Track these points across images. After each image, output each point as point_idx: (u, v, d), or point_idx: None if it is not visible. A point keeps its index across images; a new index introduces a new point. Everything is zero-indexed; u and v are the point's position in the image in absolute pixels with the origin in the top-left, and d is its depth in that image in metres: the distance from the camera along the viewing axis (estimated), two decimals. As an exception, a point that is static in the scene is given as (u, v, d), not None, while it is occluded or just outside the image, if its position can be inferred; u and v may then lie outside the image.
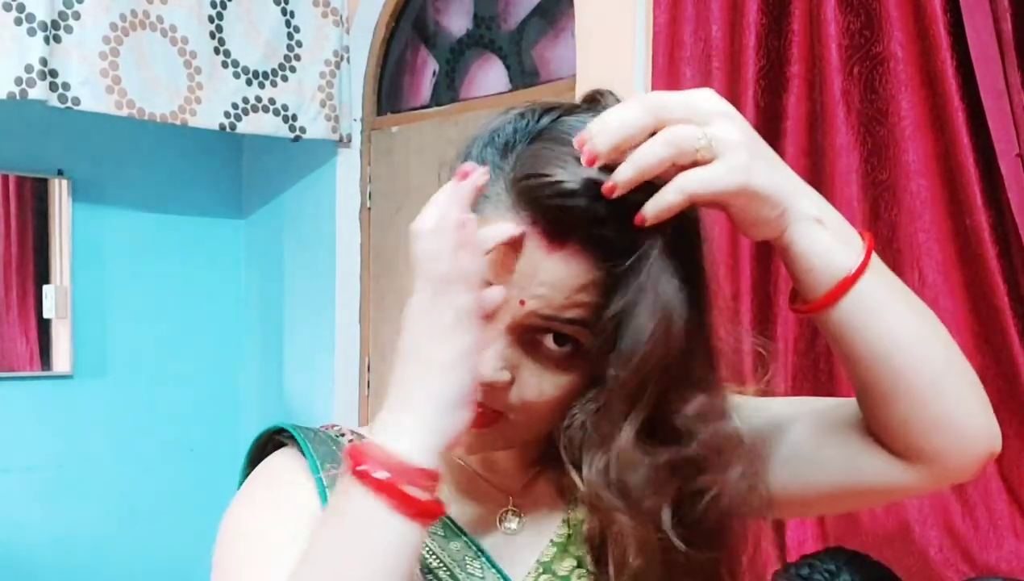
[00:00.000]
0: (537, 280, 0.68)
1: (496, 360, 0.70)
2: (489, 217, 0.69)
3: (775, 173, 0.68)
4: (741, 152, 0.66)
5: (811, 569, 1.60)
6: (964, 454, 0.76)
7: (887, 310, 0.71)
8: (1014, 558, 1.75)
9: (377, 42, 3.31)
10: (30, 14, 2.60)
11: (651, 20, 2.22)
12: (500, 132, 0.73)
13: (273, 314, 3.63)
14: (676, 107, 0.67)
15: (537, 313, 0.69)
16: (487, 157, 0.72)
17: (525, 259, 0.68)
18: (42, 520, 3.32)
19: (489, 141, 0.73)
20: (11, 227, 3.30)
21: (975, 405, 0.76)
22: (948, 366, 0.74)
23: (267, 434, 0.82)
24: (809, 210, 0.69)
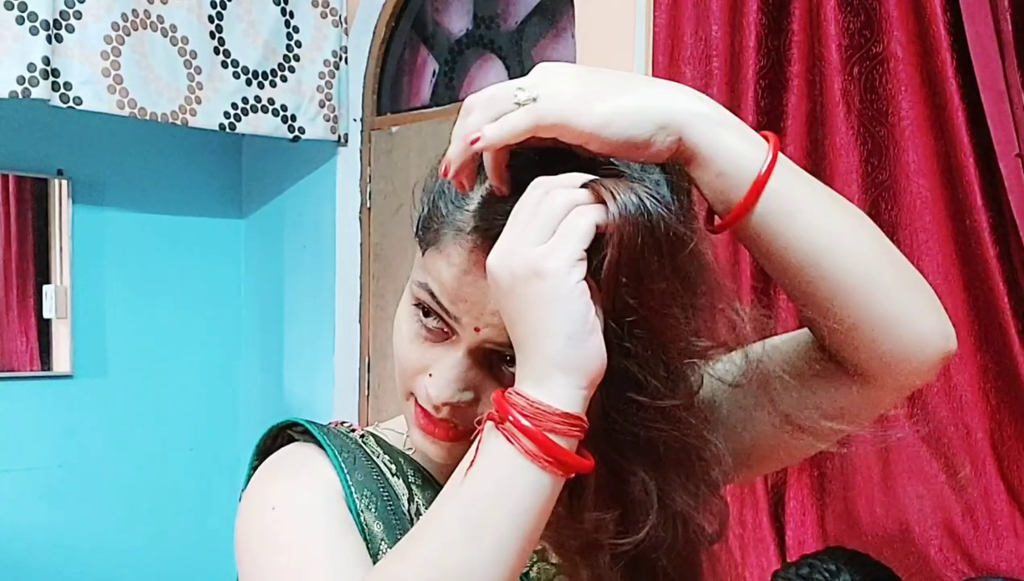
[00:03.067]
0: (489, 309, 0.68)
1: (456, 383, 0.71)
2: (447, 244, 0.70)
3: (629, 92, 0.64)
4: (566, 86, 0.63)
5: (811, 569, 1.60)
6: (915, 356, 0.71)
7: (808, 206, 0.68)
8: (1014, 558, 1.75)
9: (377, 42, 3.31)
10: (32, 13, 2.60)
11: (651, 20, 2.22)
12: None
13: (273, 314, 3.63)
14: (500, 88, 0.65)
15: (491, 340, 0.70)
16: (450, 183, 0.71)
17: (477, 286, 0.68)
18: (42, 520, 3.32)
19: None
20: (11, 227, 3.30)
21: (919, 300, 0.71)
22: (883, 259, 0.70)
23: (278, 428, 0.82)
24: (704, 110, 0.65)
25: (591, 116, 0.63)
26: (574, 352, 0.61)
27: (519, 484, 0.61)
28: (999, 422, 1.81)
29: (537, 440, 0.61)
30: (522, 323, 0.62)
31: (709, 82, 2.10)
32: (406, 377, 0.75)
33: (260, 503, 0.74)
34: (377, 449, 0.81)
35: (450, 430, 0.73)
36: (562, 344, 0.61)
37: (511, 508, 0.61)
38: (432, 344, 0.73)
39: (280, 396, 3.60)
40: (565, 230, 0.61)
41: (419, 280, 0.72)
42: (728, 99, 2.07)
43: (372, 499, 0.76)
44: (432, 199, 0.73)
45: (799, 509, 2.01)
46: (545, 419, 0.61)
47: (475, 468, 0.62)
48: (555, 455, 0.61)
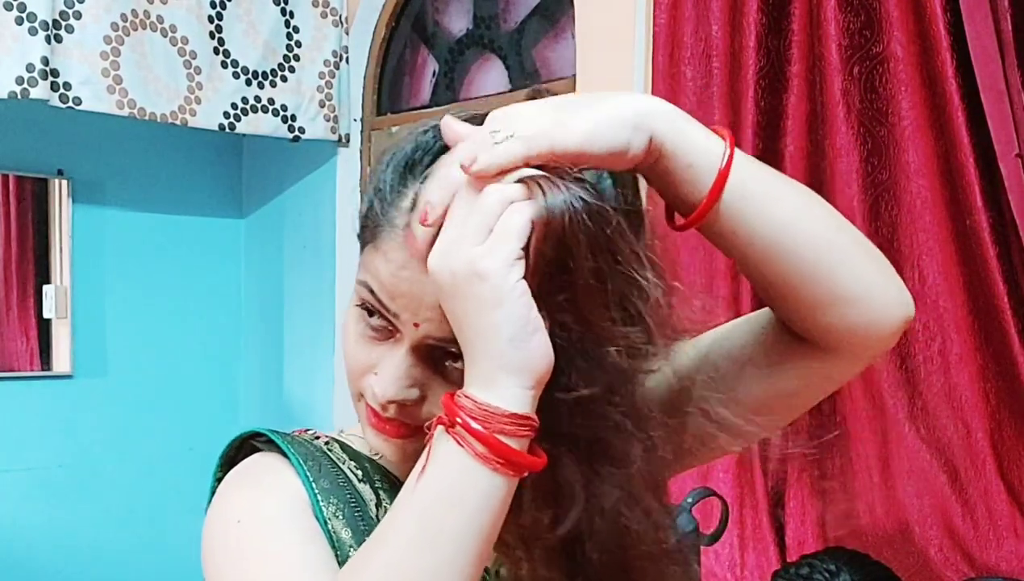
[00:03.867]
0: (426, 303, 0.69)
1: (400, 380, 0.71)
2: (384, 241, 0.70)
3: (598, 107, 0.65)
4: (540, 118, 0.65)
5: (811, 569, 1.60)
6: (879, 324, 0.73)
7: (768, 191, 0.70)
8: (1014, 558, 1.75)
9: (377, 42, 3.31)
10: (31, 13, 2.60)
11: (651, 20, 2.22)
12: (400, 152, 0.73)
13: (273, 314, 3.63)
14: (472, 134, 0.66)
15: (431, 335, 0.70)
16: (386, 179, 0.72)
17: (414, 281, 0.69)
18: (42, 520, 3.32)
19: (390, 161, 0.73)
20: (11, 227, 3.30)
21: (877, 272, 0.73)
22: (843, 235, 0.72)
23: (240, 439, 0.82)
24: (665, 108, 0.67)
25: (574, 134, 0.63)
26: (518, 353, 0.61)
27: (472, 487, 0.61)
28: (999, 422, 1.81)
29: (487, 442, 0.61)
30: (466, 325, 0.62)
31: (709, 82, 2.10)
32: (354, 377, 0.75)
33: (225, 517, 0.74)
34: (343, 455, 0.80)
35: (400, 427, 0.73)
36: (506, 345, 0.61)
37: (466, 511, 0.61)
38: (377, 343, 0.73)
39: (280, 396, 3.60)
40: (501, 229, 0.61)
41: (360, 279, 0.73)
42: (728, 99, 2.07)
43: (339, 506, 0.75)
44: (370, 198, 0.73)
45: (799, 509, 2.01)
46: (494, 421, 0.61)
47: (427, 473, 0.62)
48: (506, 456, 0.61)
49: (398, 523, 0.63)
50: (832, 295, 0.71)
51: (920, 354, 1.86)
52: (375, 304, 0.72)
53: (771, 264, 0.70)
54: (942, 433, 1.86)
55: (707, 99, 2.10)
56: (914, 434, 1.88)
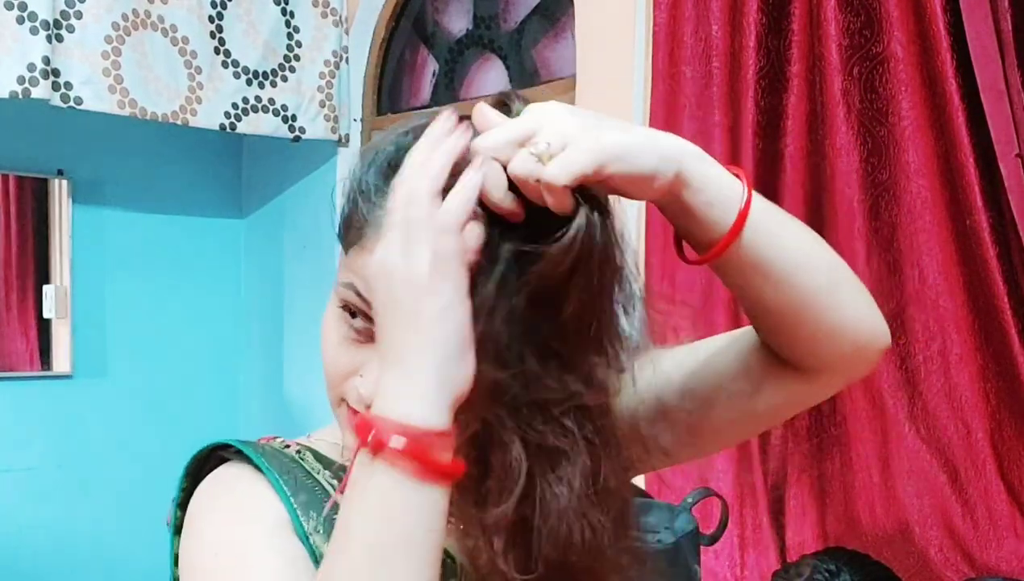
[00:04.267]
0: None
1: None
2: (371, 241, 0.70)
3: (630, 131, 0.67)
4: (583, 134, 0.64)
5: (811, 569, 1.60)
6: (865, 352, 0.78)
7: (780, 230, 0.72)
8: (1014, 558, 1.75)
9: (377, 42, 3.31)
10: (32, 12, 2.60)
11: (651, 20, 2.23)
12: (381, 153, 0.72)
13: (273, 314, 3.63)
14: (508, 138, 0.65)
15: None
16: (368, 179, 0.72)
17: None
18: (42, 520, 3.32)
19: (371, 162, 0.73)
20: (11, 227, 3.30)
21: (867, 304, 0.77)
22: (840, 271, 0.75)
23: (208, 449, 0.81)
24: (690, 147, 0.68)
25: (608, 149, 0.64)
26: (451, 370, 0.62)
27: (412, 503, 0.61)
28: (999, 422, 1.81)
29: (421, 459, 0.61)
30: (404, 336, 0.62)
31: (709, 82, 2.10)
32: (336, 382, 0.76)
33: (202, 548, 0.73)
34: (316, 465, 0.80)
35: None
36: (443, 362, 0.61)
37: (412, 526, 0.61)
38: (360, 345, 0.74)
39: (280, 396, 3.60)
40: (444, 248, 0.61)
41: (344, 281, 0.73)
42: (728, 99, 2.07)
43: (319, 520, 0.74)
44: (352, 199, 0.74)
45: (799, 509, 2.01)
46: (424, 438, 0.61)
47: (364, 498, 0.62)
48: (438, 469, 0.61)
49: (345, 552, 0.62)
50: (831, 326, 0.75)
51: (920, 354, 1.86)
52: (361, 305, 0.72)
53: (780, 296, 0.73)
54: (942, 433, 1.86)
55: (707, 99, 2.09)
56: (914, 434, 1.88)
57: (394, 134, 0.73)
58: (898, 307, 1.87)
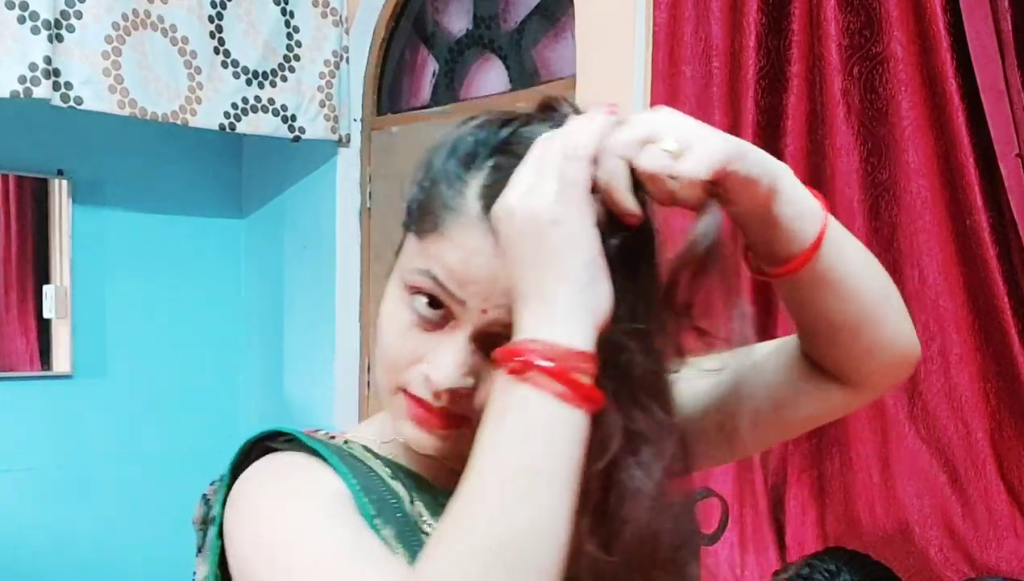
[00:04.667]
0: (499, 289, 0.69)
1: (460, 367, 0.71)
2: (452, 229, 0.71)
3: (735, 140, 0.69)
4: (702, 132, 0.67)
5: (811, 569, 1.60)
6: (901, 366, 0.83)
7: (849, 243, 0.76)
8: (1014, 558, 1.75)
9: (377, 42, 3.31)
10: (33, 12, 2.59)
11: (651, 20, 2.22)
12: (461, 143, 0.74)
13: (273, 314, 3.63)
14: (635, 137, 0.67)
15: (500, 322, 0.70)
16: (450, 169, 0.73)
17: (487, 267, 0.69)
18: (42, 520, 3.32)
19: (451, 152, 0.74)
20: (11, 227, 3.30)
21: (906, 324, 0.82)
22: (890, 285, 0.80)
23: (252, 442, 0.80)
24: (779, 162, 0.71)
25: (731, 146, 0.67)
26: (588, 295, 0.64)
27: (558, 426, 0.62)
28: (999, 422, 1.81)
29: (566, 381, 0.62)
30: (536, 269, 0.64)
31: (709, 82, 2.10)
32: (397, 369, 0.74)
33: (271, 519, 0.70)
34: (366, 454, 0.80)
35: (446, 418, 0.73)
36: (578, 288, 0.63)
37: (556, 451, 0.62)
38: (427, 333, 0.73)
39: (280, 396, 3.60)
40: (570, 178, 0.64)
41: (418, 267, 0.73)
42: (728, 99, 2.07)
43: (379, 504, 0.74)
44: (428, 186, 0.74)
45: (799, 509, 2.01)
46: (570, 360, 0.62)
47: (509, 422, 0.62)
48: (583, 392, 0.63)
49: (492, 476, 0.62)
50: (882, 338, 0.79)
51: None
52: (438, 292, 0.71)
53: (846, 308, 0.77)
54: (942, 433, 1.85)
55: (707, 99, 2.10)
56: (914, 434, 1.88)
57: (469, 127, 0.75)
58: (898, 307, 1.86)
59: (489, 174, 0.71)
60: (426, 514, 0.76)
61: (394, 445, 0.81)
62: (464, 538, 0.61)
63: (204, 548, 0.82)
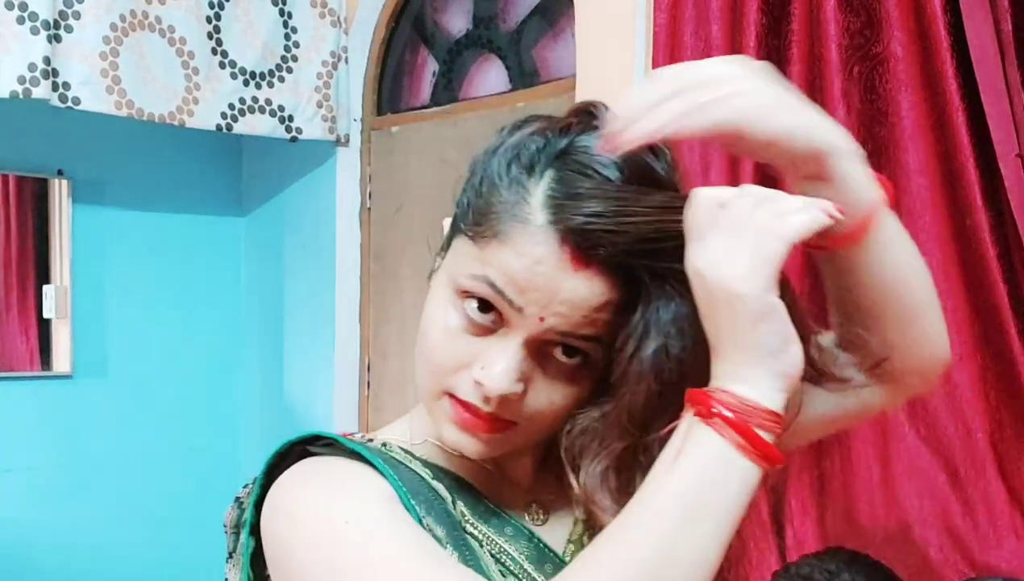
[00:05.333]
0: (559, 298, 0.70)
1: (514, 373, 0.72)
2: (515, 236, 0.71)
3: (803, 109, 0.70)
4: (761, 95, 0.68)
5: (811, 569, 1.60)
6: (935, 365, 0.86)
7: (900, 239, 0.79)
8: (1014, 558, 1.75)
9: (376, 42, 3.31)
10: (32, 12, 2.59)
11: (651, 20, 2.22)
12: (523, 150, 0.73)
13: (273, 314, 3.63)
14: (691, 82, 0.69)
15: (555, 329, 0.71)
16: (512, 175, 0.73)
17: (549, 276, 0.70)
18: (42, 520, 3.32)
19: (514, 158, 0.73)
20: (11, 227, 3.30)
21: (942, 325, 0.85)
22: (933, 287, 0.83)
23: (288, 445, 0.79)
24: (845, 146, 0.72)
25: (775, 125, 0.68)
26: (777, 363, 0.66)
27: (732, 473, 0.65)
28: (999, 422, 1.81)
29: (746, 434, 0.64)
30: (730, 332, 0.66)
31: (709, 82, 2.10)
32: (443, 373, 0.74)
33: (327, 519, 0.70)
34: (407, 456, 0.80)
35: (494, 423, 0.73)
36: (766, 357, 0.65)
37: (724, 496, 0.65)
38: (477, 337, 0.73)
39: (280, 396, 3.60)
40: (765, 253, 0.65)
41: (475, 272, 0.72)
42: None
43: (426, 504, 0.75)
44: (487, 191, 0.74)
45: (799, 509, 2.00)
46: (753, 415, 0.65)
47: (686, 459, 0.65)
48: (761, 449, 0.65)
49: (660, 504, 0.65)
50: (928, 335, 0.83)
51: (920, 354, 1.86)
52: (496, 298, 0.71)
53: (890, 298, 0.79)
54: (942, 433, 1.85)
55: (707, 99, 2.09)
56: (914, 434, 1.88)
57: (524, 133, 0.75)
58: (898, 307, 1.87)
59: (552, 184, 0.71)
60: (468, 514, 0.78)
61: (427, 447, 0.81)
62: (621, 558, 0.64)
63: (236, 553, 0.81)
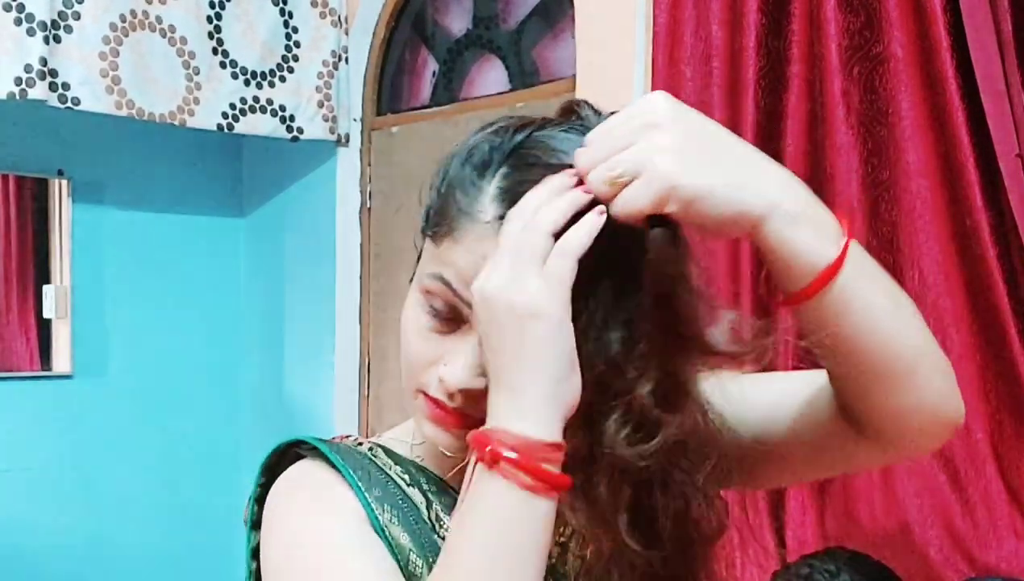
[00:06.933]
0: None
1: (472, 368, 0.72)
2: (465, 234, 0.72)
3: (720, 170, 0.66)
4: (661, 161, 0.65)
5: (811, 569, 1.60)
6: (932, 435, 0.79)
7: (866, 301, 0.71)
8: (1014, 558, 1.75)
9: (377, 42, 3.31)
10: (30, 14, 2.59)
11: (651, 20, 2.22)
12: (476, 150, 0.74)
13: (273, 314, 3.63)
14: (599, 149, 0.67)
15: None
16: (465, 174, 0.73)
17: None
18: (42, 520, 3.32)
19: (467, 159, 0.75)
20: (11, 227, 3.30)
21: (945, 389, 0.77)
22: (923, 354, 0.75)
23: (285, 445, 0.83)
24: (786, 206, 0.67)
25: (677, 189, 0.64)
26: (560, 388, 0.65)
27: (524, 512, 0.65)
28: (999, 422, 1.81)
29: (533, 473, 0.64)
30: (513, 360, 0.65)
31: (709, 82, 2.10)
32: (416, 371, 0.76)
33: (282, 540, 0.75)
34: (388, 461, 0.81)
35: (461, 418, 0.74)
36: (552, 382, 0.65)
37: (523, 534, 0.65)
38: (442, 335, 0.74)
39: (280, 396, 3.60)
40: (556, 269, 0.64)
41: (432, 271, 0.74)
42: (728, 99, 2.07)
43: (394, 512, 0.77)
44: (445, 192, 0.75)
45: (799, 509, 2.00)
46: (536, 451, 0.64)
47: (482, 505, 0.65)
48: (549, 481, 0.65)
49: (460, 555, 0.66)
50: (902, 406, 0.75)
51: (920, 354, 1.86)
52: (451, 296, 0.72)
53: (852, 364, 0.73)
54: (942, 433, 1.85)
55: (707, 99, 2.09)
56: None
57: (485, 132, 0.76)
58: (898, 307, 1.86)
59: (502, 180, 0.72)
60: (445, 518, 0.79)
61: (427, 446, 0.83)
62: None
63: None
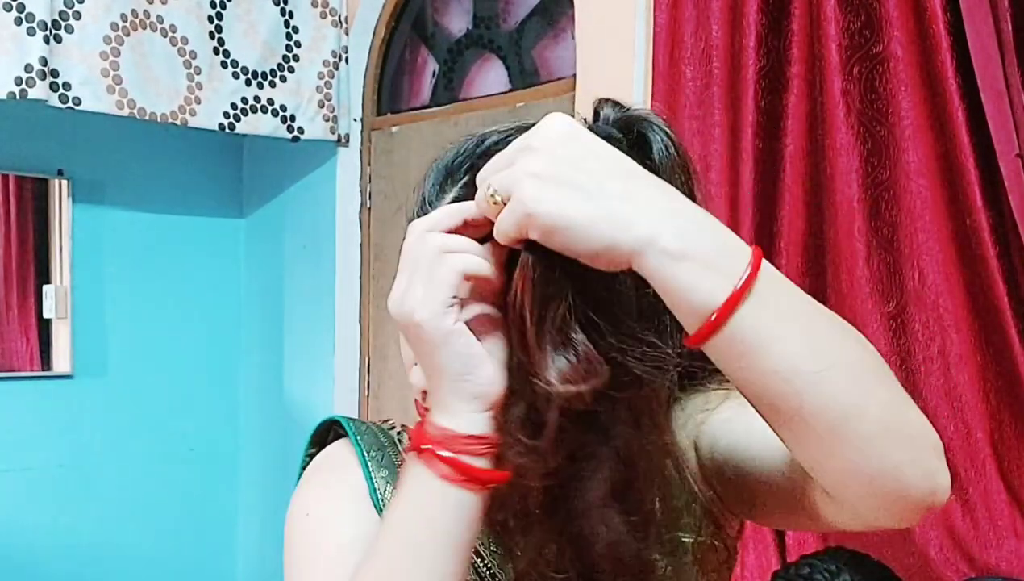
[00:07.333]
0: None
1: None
2: None
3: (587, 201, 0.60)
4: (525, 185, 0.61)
5: (811, 569, 1.60)
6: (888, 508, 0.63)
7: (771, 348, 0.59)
8: (1014, 558, 1.75)
9: (377, 42, 3.31)
10: (30, 14, 2.59)
11: (651, 20, 2.22)
12: (447, 157, 0.78)
13: (273, 314, 3.63)
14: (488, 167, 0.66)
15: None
16: (435, 181, 0.77)
17: None
18: (42, 520, 3.32)
19: (439, 165, 0.78)
20: (11, 227, 3.30)
21: (901, 453, 0.61)
22: (860, 406, 0.60)
23: (326, 424, 0.89)
24: (663, 242, 0.59)
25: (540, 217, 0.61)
26: (466, 385, 0.67)
27: (442, 505, 0.67)
28: (999, 422, 1.81)
29: (451, 463, 0.66)
30: (422, 363, 0.69)
31: (709, 82, 2.10)
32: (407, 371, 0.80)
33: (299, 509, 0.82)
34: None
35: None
36: (453, 380, 0.67)
37: (439, 527, 0.67)
38: None
39: (280, 396, 3.60)
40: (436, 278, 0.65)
41: None
42: (728, 99, 2.07)
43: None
44: (419, 205, 0.78)
45: (799, 509, 2.00)
46: (455, 443, 0.66)
47: (401, 496, 0.68)
48: (469, 474, 0.66)
49: (383, 542, 0.69)
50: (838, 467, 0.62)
51: (920, 354, 1.86)
52: None
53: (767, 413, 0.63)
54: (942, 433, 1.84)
55: (707, 99, 2.09)
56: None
57: (462, 140, 0.78)
58: (898, 307, 1.87)
59: (462, 188, 0.74)
60: None
61: None
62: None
63: None
